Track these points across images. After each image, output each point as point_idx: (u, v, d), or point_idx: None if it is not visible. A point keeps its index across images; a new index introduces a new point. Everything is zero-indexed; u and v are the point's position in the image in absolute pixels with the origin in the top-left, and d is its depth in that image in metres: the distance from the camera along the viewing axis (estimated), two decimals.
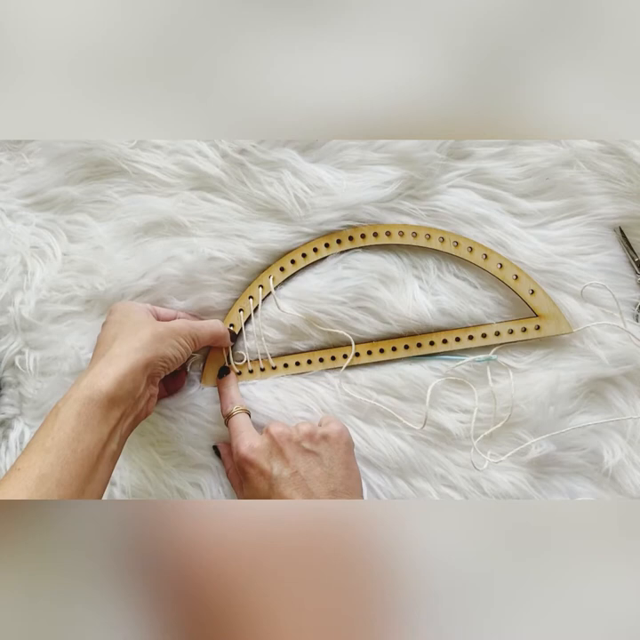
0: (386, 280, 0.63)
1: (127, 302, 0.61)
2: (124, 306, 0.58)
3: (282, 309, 0.63)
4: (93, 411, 0.47)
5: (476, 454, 0.60)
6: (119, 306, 0.58)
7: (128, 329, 0.54)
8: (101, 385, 0.48)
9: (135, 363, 0.50)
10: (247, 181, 0.63)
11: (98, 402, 0.48)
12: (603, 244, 0.62)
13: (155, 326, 0.54)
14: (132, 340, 0.52)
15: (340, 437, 0.56)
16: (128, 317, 0.56)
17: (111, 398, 0.48)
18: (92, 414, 0.47)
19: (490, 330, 0.62)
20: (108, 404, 0.48)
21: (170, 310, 0.62)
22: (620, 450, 0.60)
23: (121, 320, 0.55)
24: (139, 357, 0.51)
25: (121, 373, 0.49)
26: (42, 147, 0.66)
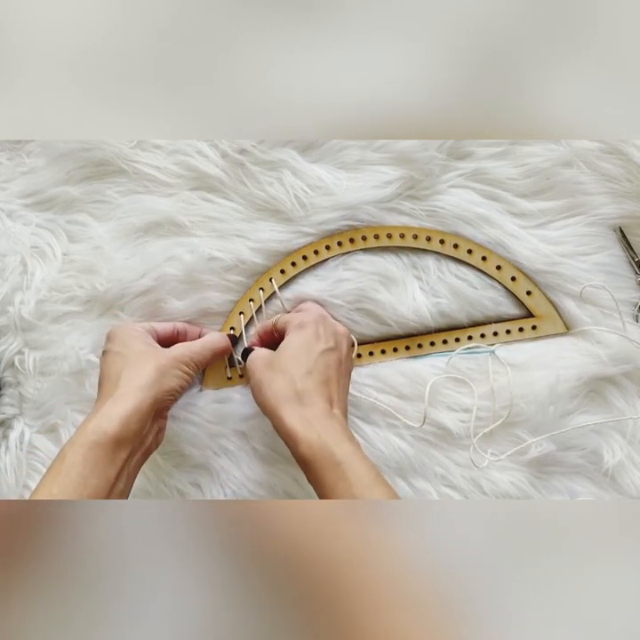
0: (386, 281, 0.63)
1: (125, 326, 0.59)
2: (123, 332, 0.57)
3: (287, 310, 0.63)
4: (99, 455, 0.47)
5: (476, 452, 0.60)
6: (118, 332, 0.57)
7: (131, 363, 0.53)
8: (107, 428, 0.48)
9: (141, 402, 0.51)
10: (247, 181, 0.63)
11: (104, 445, 0.48)
12: (603, 244, 0.62)
13: (157, 359, 0.54)
14: (137, 378, 0.52)
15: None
16: (129, 348, 0.55)
17: (117, 440, 0.48)
18: (98, 458, 0.47)
19: (488, 330, 0.63)
20: (115, 446, 0.48)
21: (167, 324, 0.62)
22: (620, 450, 0.60)
23: (122, 352, 0.55)
24: (144, 396, 0.51)
25: (126, 415, 0.49)
26: (42, 147, 0.66)
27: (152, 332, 0.59)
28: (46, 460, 0.65)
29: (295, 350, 0.55)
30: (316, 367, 0.54)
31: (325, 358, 0.55)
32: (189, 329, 0.63)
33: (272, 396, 0.52)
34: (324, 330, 0.57)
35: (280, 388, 0.52)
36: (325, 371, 0.54)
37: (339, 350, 0.57)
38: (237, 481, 0.63)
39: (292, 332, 0.57)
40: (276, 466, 0.63)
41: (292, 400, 0.51)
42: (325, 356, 0.55)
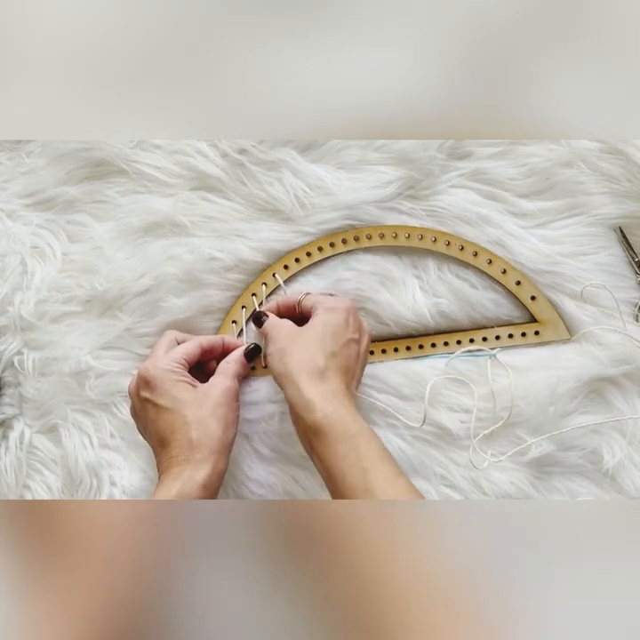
0: (386, 281, 0.63)
1: (160, 368, 0.56)
2: (163, 379, 0.56)
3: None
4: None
5: (476, 453, 0.60)
6: (157, 380, 0.56)
7: (193, 423, 0.54)
8: (190, 492, 0.51)
9: (217, 461, 0.53)
10: (247, 181, 0.63)
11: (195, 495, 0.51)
12: (603, 244, 0.62)
13: (213, 408, 0.55)
14: (208, 440, 0.53)
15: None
16: (179, 402, 0.55)
17: (207, 487, 0.52)
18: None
19: (490, 333, 0.63)
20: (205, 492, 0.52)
21: (193, 346, 0.60)
22: (620, 450, 0.60)
23: (174, 408, 0.55)
24: (219, 456, 0.54)
25: (209, 480, 0.52)
26: (42, 147, 0.66)
27: (184, 363, 0.58)
28: (46, 460, 0.65)
29: (324, 330, 0.55)
30: (341, 352, 0.55)
31: (350, 347, 0.56)
32: (211, 341, 0.61)
33: (294, 366, 0.53)
34: (352, 320, 0.58)
35: (303, 360, 0.53)
36: (347, 359, 0.55)
37: (360, 344, 0.58)
38: (238, 480, 0.63)
39: (323, 313, 0.57)
40: (276, 465, 0.63)
41: (312, 373, 0.52)
42: (350, 345, 0.56)
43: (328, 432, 0.49)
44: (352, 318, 0.58)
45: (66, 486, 0.64)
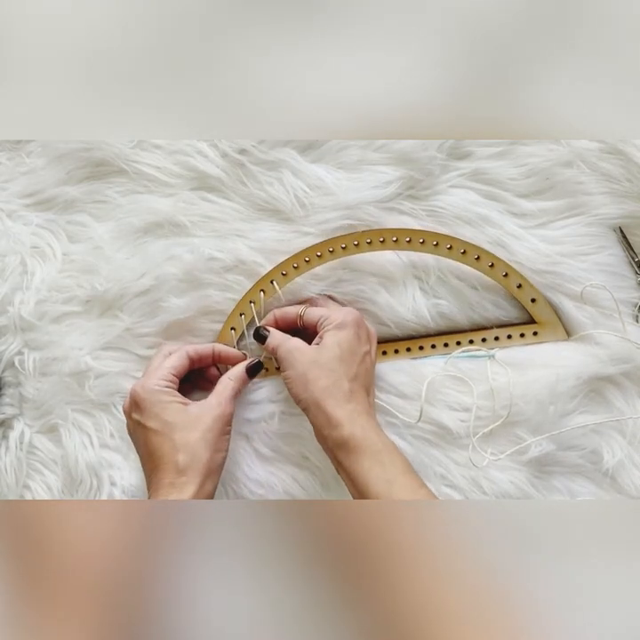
0: (386, 282, 0.63)
1: (150, 390, 0.56)
2: (152, 401, 0.56)
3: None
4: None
5: (476, 452, 0.60)
6: (146, 402, 0.56)
7: (181, 446, 0.54)
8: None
9: (203, 483, 0.54)
10: (247, 181, 0.63)
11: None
12: (603, 244, 0.62)
13: (202, 433, 0.55)
14: (195, 463, 0.53)
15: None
16: (168, 425, 0.55)
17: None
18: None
19: (490, 334, 0.63)
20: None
21: (180, 358, 0.59)
22: (620, 450, 0.60)
23: (163, 431, 0.55)
24: (205, 479, 0.54)
25: (197, 494, 0.53)
26: (42, 147, 0.66)
27: (172, 379, 0.58)
28: (46, 460, 0.65)
29: (341, 351, 0.56)
30: (360, 371, 0.57)
31: (365, 361, 0.58)
32: (199, 350, 0.61)
33: (319, 393, 0.54)
34: (362, 332, 0.58)
35: (328, 387, 0.54)
36: (366, 374, 0.58)
37: (371, 353, 0.59)
38: (238, 480, 0.63)
39: (334, 330, 0.57)
40: (276, 465, 0.63)
41: (338, 397, 0.54)
42: (365, 359, 0.58)
43: (354, 447, 0.52)
44: (361, 330, 0.58)
45: (66, 486, 0.64)
